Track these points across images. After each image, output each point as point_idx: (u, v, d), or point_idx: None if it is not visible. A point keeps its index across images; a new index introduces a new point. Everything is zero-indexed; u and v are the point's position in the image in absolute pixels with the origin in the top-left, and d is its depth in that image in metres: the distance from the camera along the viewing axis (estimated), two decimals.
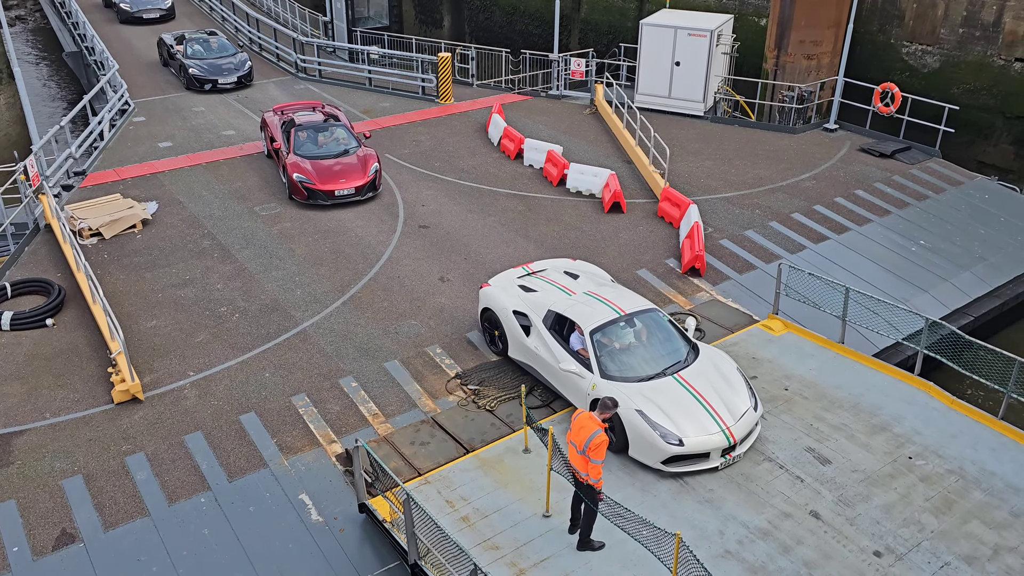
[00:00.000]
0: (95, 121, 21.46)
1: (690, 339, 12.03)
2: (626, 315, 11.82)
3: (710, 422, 10.64)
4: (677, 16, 24.15)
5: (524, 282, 13.20)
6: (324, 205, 18.14)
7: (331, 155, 18.71)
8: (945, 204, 18.93)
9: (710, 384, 11.14)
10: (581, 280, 13.14)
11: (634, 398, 10.76)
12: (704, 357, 11.64)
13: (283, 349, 13.46)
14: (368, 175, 18.46)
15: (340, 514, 10.41)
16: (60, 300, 14.38)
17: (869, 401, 11.95)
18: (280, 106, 21.01)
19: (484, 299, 13.21)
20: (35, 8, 45.65)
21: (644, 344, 11.69)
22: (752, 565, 9.38)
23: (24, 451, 11.25)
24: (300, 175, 18.05)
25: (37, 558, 9.73)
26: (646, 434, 10.49)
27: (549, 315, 12.18)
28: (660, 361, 11.47)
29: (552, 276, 13.34)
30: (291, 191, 18.25)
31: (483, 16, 35.05)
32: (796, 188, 19.37)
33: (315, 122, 19.50)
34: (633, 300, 12.29)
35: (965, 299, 15.77)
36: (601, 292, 12.46)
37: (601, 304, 11.98)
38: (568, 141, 22.06)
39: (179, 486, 10.73)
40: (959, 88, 22.43)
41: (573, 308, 11.97)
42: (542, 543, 9.68)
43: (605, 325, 11.61)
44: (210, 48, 27.09)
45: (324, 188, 17.98)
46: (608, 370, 11.26)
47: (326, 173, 18.21)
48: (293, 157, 18.48)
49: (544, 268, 13.73)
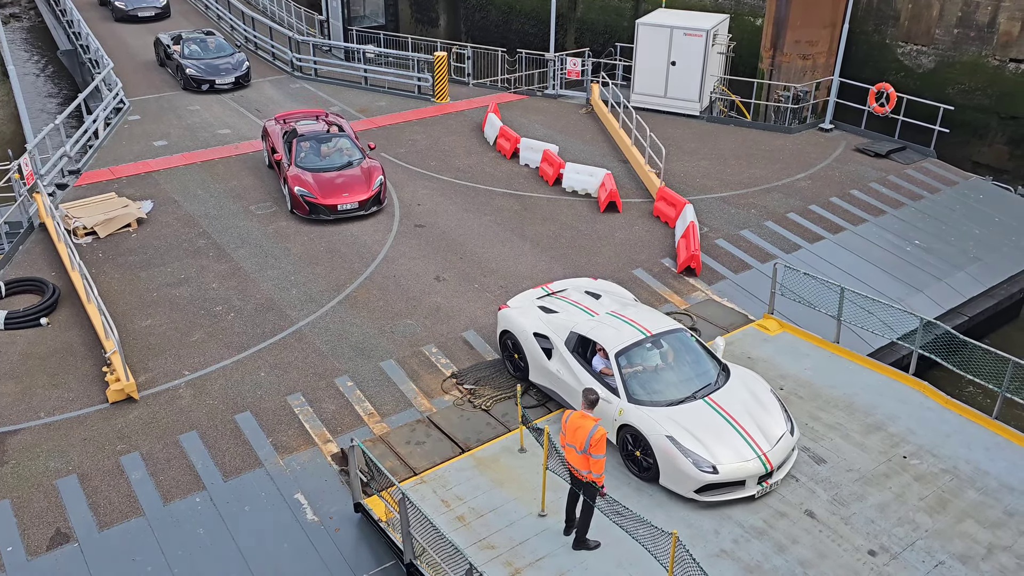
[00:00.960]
0: (90, 119, 21.40)
1: (720, 360, 11.48)
2: (652, 336, 11.32)
3: (745, 448, 10.16)
4: (673, 16, 24.17)
5: (544, 303, 12.71)
6: (326, 220, 17.53)
7: (334, 167, 18.02)
8: (940, 204, 18.98)
9: (743, 407, 10.65)
10: (603, 300, 12.66)
11: (664, 424, 10.27)
12: (736, 379, 11.15)
13: (278, 348, 13.44)
14: (372, 189, 17.75)
15: (336, 514, 10.40)
16: (54, 299, 14.34)
17: (864, 400, 11.98)
18: (282, 114, 20.32)
19: (503, 321, 12.65)
20: (29, 6, 45.50)
21: (672, 366, 11.20)
22: (747, 564, 9.39)
23: (18, 450, 11.22)
24: (301, 188, 17.39)
25: (31, 558, 9.70)
26: (678, 462, 10.01)
27: (572, 337, 11.66)
28: (689, 384, 10.96)
29: (573, 296, 12.85)
30: (292, 205, 17.60)
31: (479, 15, 35.04)
32: (792, 188, 19.40)
33: (318, 132, 18.80)
34: (659, 320, 11.81)
35: (960, 299, 15.81)
36: (625, 312, 11.96)
37: (626, 325, 11.50)
38: (564, 140, 22.07)
39: (174, 486, 10.71)
40: (954, 88, 22.49)
41: (597, 329, 11.47)
42: (537, 542, 9.68)
43: (631, 347, 11.11)
44: (207, 48, 26.79)
45: (326, 202, 17.30)
46: (635, 394, 10.74)
47: (328, 186, 17.52)
48: (294, 169, 17.80)
49: (564, 288, 13.27)
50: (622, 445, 10.69)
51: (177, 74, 26.48)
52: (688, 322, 14.16)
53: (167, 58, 27.37)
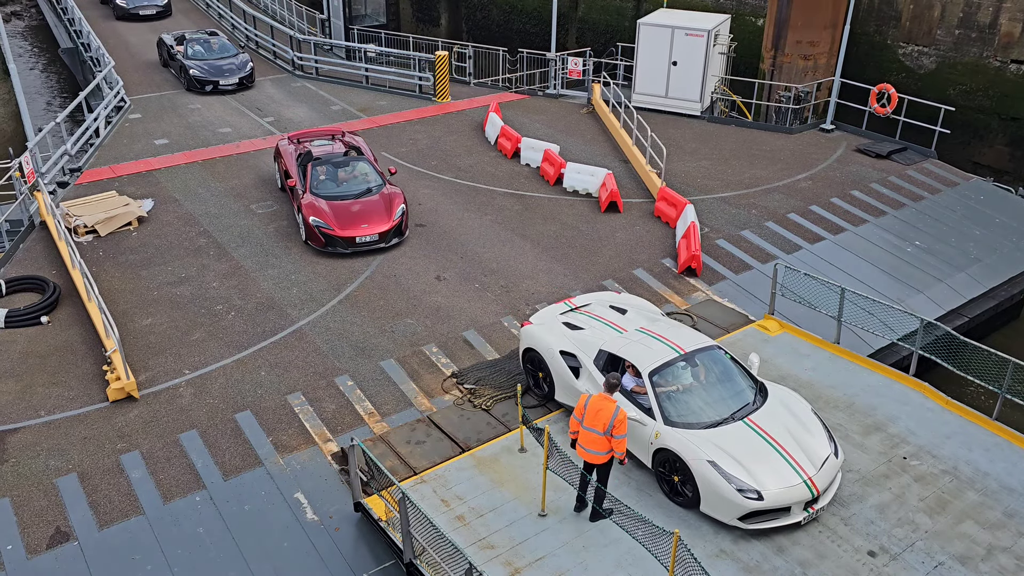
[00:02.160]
0: (91, 118, 21.40)
1: (756, 378, 11.04)
2: (685, 353, 10.82)
3: (790, 472, 9.71)
4: (674, 16, 24.16)
5: (568, 319, 12.23)
6: (344, 253, 16.06)
7: (351, 195, 16.61)
8: (941, 205, 18.98)
9: (785, 428, 10.20)
10: (630, 315, 12.22)
11: (704, 448, 9.81)
12: (774, 398, 10.70)
13: (279, 347, 13.44)
14: (393, 218, 16.28)
15: (335, 513, 10.40)
16: (55, 297, 14.34)
17: (864, 401, 11.98)
18: (295, 134, 19.02)
19: (526, 338, 12.14)
20: (31, 4, 45.51)
21: (707, 386, 10.72)
22: (747, 564, 9.39)
23: (18, 449, 11.22)
24: (317, 218, 15.97)
25: (31, 556, 9.71)
26: (721, 488, 9.54)
27: (601, 355, 11.19)
28: (727, 404, 10.49)
29: (598, 311, 12.40)
30: (307, 236, 16.19)
31: (480, 15, 35.03)
32: (792, 188, 19.40)
33: (334, 155, 17.51)
34: (691, 337, 11.28)
35: (960, 300, 15.81)
36: (655, 328, 11.47)
37: (657, 342, 11.00)
38: (565, 140, 22.06)
39: (174, 485, 10.72)
40: (955, 89, 22.49)
41: (627, 347, 10.96)
42: (537, 542, 9.68)
43: (664, 366, 10.63)
44: (211, 49, 26.54)
45: (343, 234, 15.86)
46: (672, 416, 10.26)
47: (346, 216, 16.11)
48: (309, 197, 16.41)
49: (588, 303, 12.79)
50: (658, 470, 10.28)
51: (180, 75, 26.25)
52: (689, 322, 14.16)
53: (170, 59, 27.14)
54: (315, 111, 24.31)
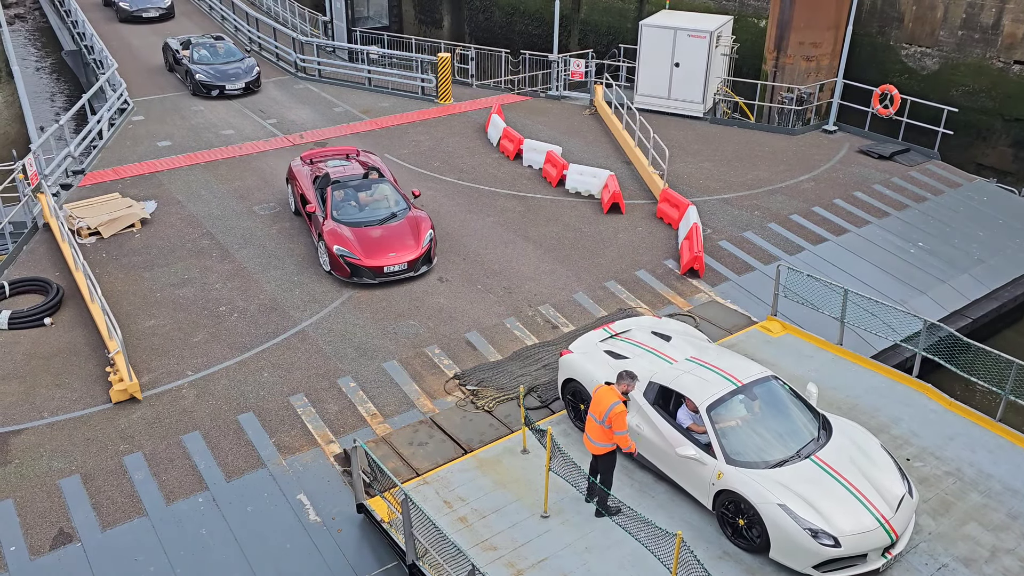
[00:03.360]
0: (94, 120, 21.44)
1: (816, 409, 10.42)
2: (743, 385, 10.21)
3: (865, 515, 9.10)
4: (677, 17, 24.16)
5: (610, 347, 11.59)
6: (371, 283, 15.09)
7: (376, 220, 15.61)
8: (944, 206, 18.95)
9: (855, 466, 9.58)
10: (675, 342, 11.54)
11: (773, 489, 9.18)
12: (840, 432, 10.07)
13: (281, 349, 13.45)
14: (422, 246, 15.30)
15: (338, 514, 10.40)
16: (58, 299, 14.37)
17: (867, 403, 11.96)
18: (308, 154, 17.99)
19: (566, 369, 11.46)
20: (34, 7, 45.62)
21: (768, 420, 10.06)
22: (750, 566, 9.38)
23: (22, 450, 11.24)
24: (341, 247, 14.93)
25: (34, 557, 9.72)
26: (794, 534, 8.91)
27: (652, 388, 10.52)
28: (791, 440, 9.85)
29: (640, 338, 11.74)
30: (331, 266, 15.18)
31: (483, 16, 35.06)
32: (795, 190, 19.38)
33: (354, 177, 16.60)
34: (746, 367, 10.63)
35: (963, 301, 15.78)
36: (705, 357, 10.86)
37: (711, 373, 10.38)
38: (567, 142, 22.07)
39: (177, 486, 10.72)
40: (958, 90, 22.46)
41: (680, 379, 10.33)
42: (540, 543, 9.68)
43: (722, 400, 9.99)
44: (217, 53, 26.32)
45: (371, 263, 14.86)
46: (733, 454, 9.62)
47: (372, 244, 15.10)
48: (331, 224, 15.38)
49: (628, 328, 12.12)
50: (721, 512, 9.66)
51: (186, 80, 26.05)
52: (692, 323, 14.15)
53: (176, 63, 26.94)
54: (318, 113, 24.34)
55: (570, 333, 13.89)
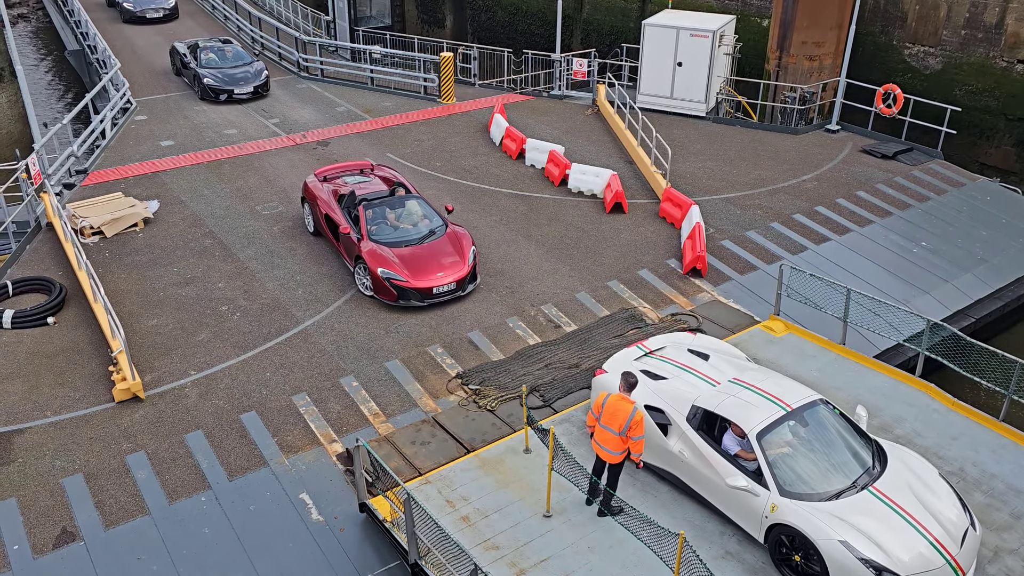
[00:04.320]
0: (97, 119, 21.47)
1: (869, 435, 9.95)
2: (792, 410, 9.71)
3: (930, 551, 8.60)
4: (679, 17, 24.15)
5: (646, 366, 11.08)
6: (418, 305, 14.35)
7: (415, 239, 14.95)
8: (947, 206, 18.92)
9: (915, 498, 9.10)
10: (714, 361, 11.05)
11: (833, 525, 8.70)
12: (895, 460, 9.59)
13: (284, 348, 13.46)
14: (468, 263, 14.68)
15: (340, 513, 10.41)
16: (61, 298, 14.39)
17: (870, 402, 11.94)
18: (322, 171, 17.27)
19: (599, 390, 11.02)
20: (37, 6, 45.69)
21: (821, 447, 9.55)
22: (752, 566, 9.37)
23: (25, 449, 11.26)
24: (386, 270, 14.22)
25: (37, 556, 9.74)
26: (857, 573, 8.46)
27: (695, 412, 10.03)
28: (846, 470, 9.35)
29: (677, 356, 11.27)
30: (374, 290, 14.48)
31: (485, 16, 35.05)
32: (798, 189, 19.36)
33: (380, 194, 15.86)
34: (793, 389, 10.12)
35: (966, 301, 15.76)
36: (748, 379, 10.37)
37: (757, 396, 9.90)
38: (570, 141, 22.06)
39: (179, 485, 10.74)
40: (961, 90, 22.42)
41: (726, 404, 9.86)
42: (542, 543, 9.67)
43: (772, 426, 9.50)
44: (225, 57, 25.95)
45: (419, 285, 14.17)
46: (787, 485, 9.13)
47: (416, 264, 14.40)
48: (369, 244, 14.64)
49: (663, 346, 11.66)
50: (775, 546, 9.18)
51: (194, 84, 25.63)
52: (694, 323, 14.14)
53: (183, 67, 26.48)
54: (320, 113, 24.36)
55: (572, 332, 13.89)
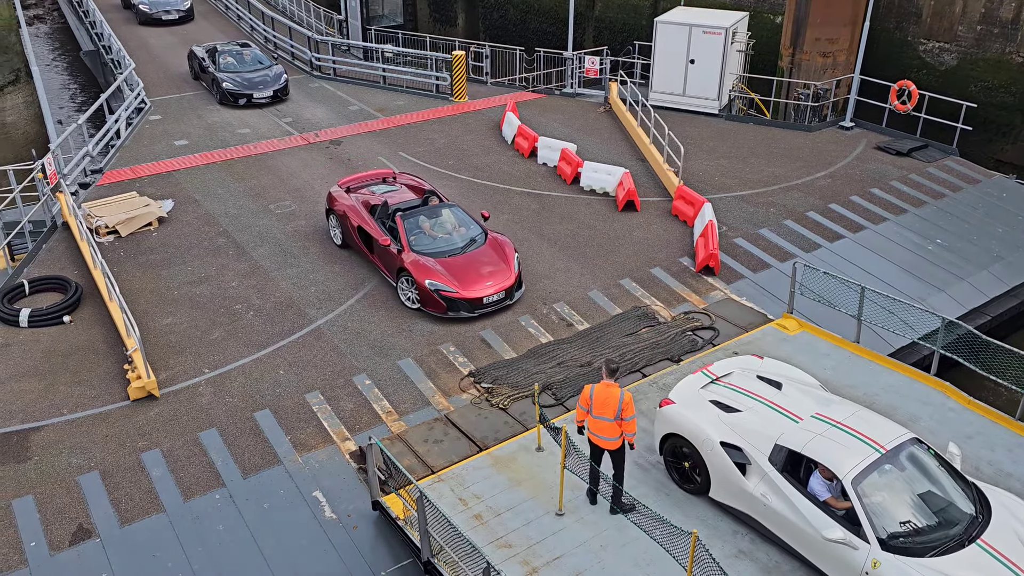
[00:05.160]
0: (112, 119, 21.62)
1: (967, 478, 9.19)
2: (887, 452, 8.94)
3: None
4: (692, 14, 24.05)
5: (716, 395, 10.34)
6: (469, 317, 14.00)
7: (457, 248, 14.63)
8: (962, 202, 18.77)
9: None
10: (789, 392, 10.25)
11: None
12: (999, 507, 8.82)
13: (297, 347, 13.52)
14: (514, 270, 14.38)
15: (354, 511, 10.45)
16: (77, 297, 14.50)
17: (884, 401, 11.87)
18: (344, 181, 16.95)
19: (666, 422, 10.29)
20: (53, 7, 46.04)
21: (921, 494, 8.75)
22: (765, 565, 9.34)
23: (41, 447, 11.36)
24: (434, 282, 13.86)
25: (54, 553, 9.83)
26: None
27: (779, 451, 9.29)
28: (950, 519, 8.53)
29: (746, 384, 10.49)
30: (422, 302, 14.14)
31: (497, 14, 35.04)
32: (811, 186, 19.26)
33: (413, 202, 15.64)
34: (884, 427, 9.36)
35: (982, 298, 15.63)
36: (833, 414, 9.59)
37: (846, 435, 9.13)
38: (582, 139, 22.03)
39: (194, 482, 10.81)
40: (977, 86, 22.23)
41: (813, 444, 9.07)
42: (555, 541, 9.67)
43: (868, 470, 8.72)
44: (243, 60, 25.57)
45: (469, 295, 13.83)
46: (888, 538, 8.34)
47: (464, 274, 14.06)
48: (413, 256, 14.26)
49: (730, 371, 10.88)
50: None
51: (213, 88, 25.33)
52: (707, 321, 14.10)
53: (202, 71, 26.10)
54: (333, 111, 24.43)
55: (585, 331, 13.87)
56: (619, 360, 9.54)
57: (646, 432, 11.04)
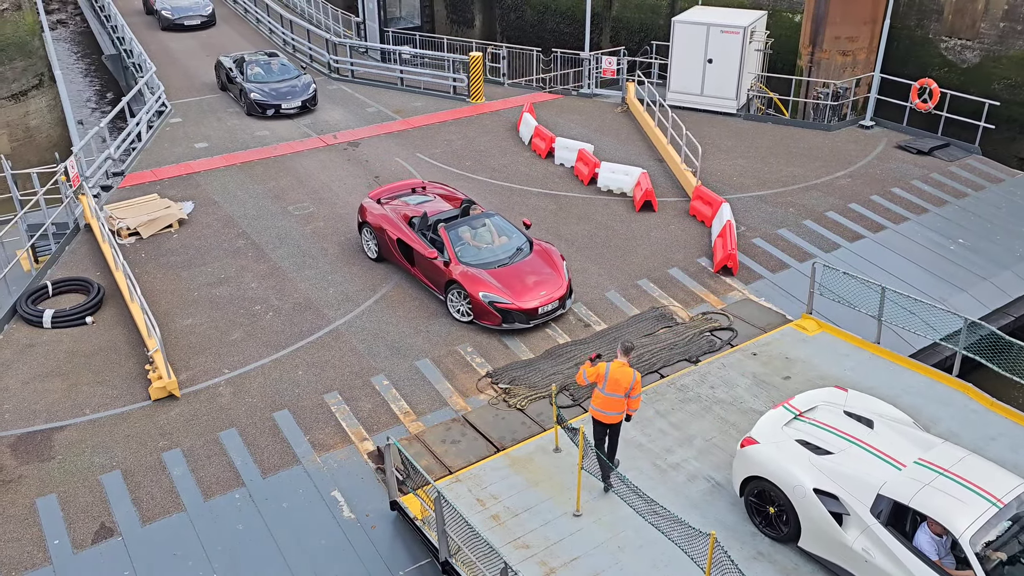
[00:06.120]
0: (133, 122, 21.84)
1: None
2: (1005, 506, 8.20)
3: None
4: (710, 13, 23.95)
5: (802, 433, 9.61)
6: (522, 328, 13.69)
7: (505, 258, 14.31)
8: (985, 202, 18.56)
9: None
10: (882, 430, 9.55)
11: None
12: None
13: (316, 347, 13.59)
14: (565, 278, 14.13)
15: (372, 511, 10.49)
16: (99, 298, 14.66)
17: (905, 402, 11.75)
18: (375, 193, 16.54)
19: (750, 463, 9.60)
20: (75, 12, 46.59)
21: None
22: (784, 567, 9.28)
23: (65, 446, 11.50)
24: (488, 293, 13.54)
25: (77, 551, 9.94)
26: None
27: (881, 503, 8.57)
28: None
29: (834, 421, 9.78)
30: (476, 315, 13.78)
31: (514, 15, 35.06)
32: (831, 186, 19.11)
33: (453, 212, 15.33)
34: (997, 476, 8.65)
35: (1005, 298, 15.45)
36: (938, 460, 8.90)
37: (958, 486, 8.41)
38: (599, 140, 21.99)
39: (214, 482, 10.89)
40: (1000, 83, 21.97)
41: (922, 496, 8.34)
42: (572, 542, 9.66)
43: (986, 527, 8.04)
44: (271, 71, 24.99)
45: (524, 306, 13.49)
46: None
47: (516, 284, 13.73)
48: (461, 267, 13.93)
49: (813, 406, 10.15)
50: None
51: (240, 99, 24.75)
52: (725, 322, 14.03)
53: (229, 81, 25.59)
54: (351, 113, 24.54)
55: (602, 331, 13.84)
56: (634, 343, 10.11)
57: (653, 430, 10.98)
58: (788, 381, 12.35)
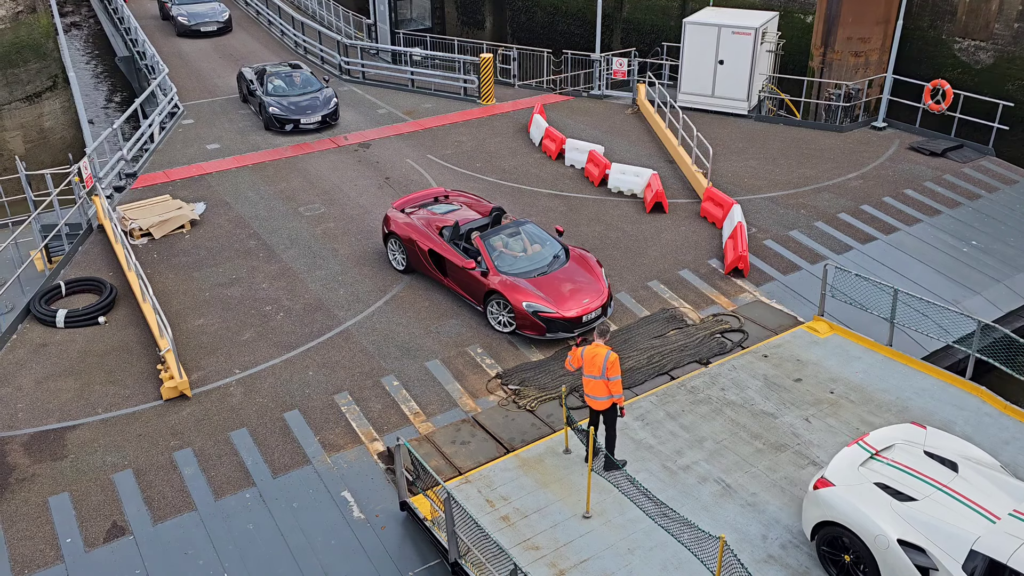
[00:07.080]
0: (146, 124, 21.97)
1: None
2: None
3: None
4: (721, 14, 23.89)
5: (880, 476, 9.01)
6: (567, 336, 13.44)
7: (543, 266, 14.04)
8: (999, 203, 18.43)
9: None
10: (968, 475, 8.92)
11: None
12: None
13: (326, 348, 13.63)
14: (605, 286, 13.93)
15: (382, 511, 10.51)
16: (112, 299, 14.75)
17: (918, 405, 11.69)
18: (399, 203, 16.25)
19: (824, 508, 8.99)
20: (89, 15, 46.92)
21: None
22: (796, 570, 9.24)
23: (77, 445, 11.57)
24: (531, 303, 13.26)
25: (89, 550, 9.99)
26: None
27: (975, 559, 7.97)
28: None
29: (915, 463, 9.15)
30: (518, 325, 13.46)
31: (525, 17, 35.08)
32: (843, 187, 19.02)
33: (484, 221, 15.13)
34: None
35: (1020, 301, 15.33)
36: None
37: None
38: (610, 141, 21.97)
39: (225, 481, 10.94)
40: (1014, 84, 21.82)
41: (1021, 554, 7.78)
42: (582, 544, 9.65)
43: None
44: (293, 83, 24.07)
45: (568, 314, 13.23)
46: None
47: (558, 293, 13.50)
48: (500, 277, 13.65)
49: (891, 445, 9.54)
50: None
51: (260, 112, 23.79)
52: (736, 324, 13.98)
53: (250, 94, 24.72)
54: (362, 115, 24.61)
55: (613, 333, 13.81)
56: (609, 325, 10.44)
57: (663, 432, 10.95)
58: (799, 383, 12.29)
